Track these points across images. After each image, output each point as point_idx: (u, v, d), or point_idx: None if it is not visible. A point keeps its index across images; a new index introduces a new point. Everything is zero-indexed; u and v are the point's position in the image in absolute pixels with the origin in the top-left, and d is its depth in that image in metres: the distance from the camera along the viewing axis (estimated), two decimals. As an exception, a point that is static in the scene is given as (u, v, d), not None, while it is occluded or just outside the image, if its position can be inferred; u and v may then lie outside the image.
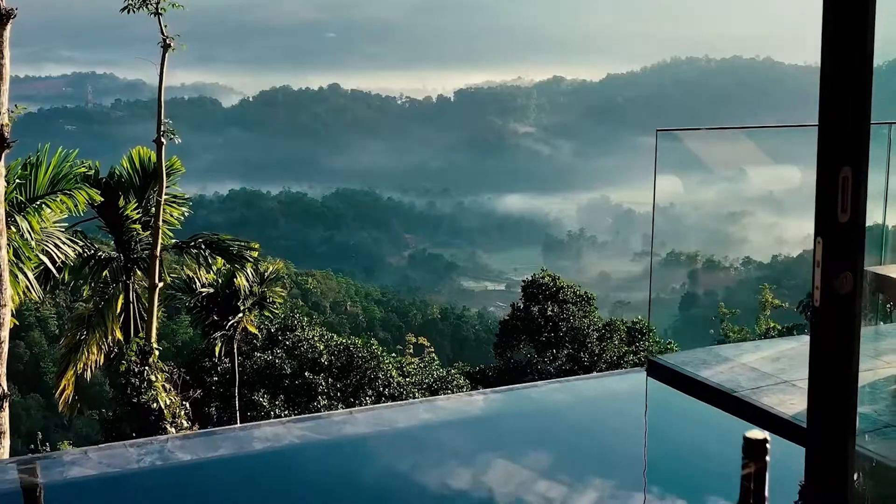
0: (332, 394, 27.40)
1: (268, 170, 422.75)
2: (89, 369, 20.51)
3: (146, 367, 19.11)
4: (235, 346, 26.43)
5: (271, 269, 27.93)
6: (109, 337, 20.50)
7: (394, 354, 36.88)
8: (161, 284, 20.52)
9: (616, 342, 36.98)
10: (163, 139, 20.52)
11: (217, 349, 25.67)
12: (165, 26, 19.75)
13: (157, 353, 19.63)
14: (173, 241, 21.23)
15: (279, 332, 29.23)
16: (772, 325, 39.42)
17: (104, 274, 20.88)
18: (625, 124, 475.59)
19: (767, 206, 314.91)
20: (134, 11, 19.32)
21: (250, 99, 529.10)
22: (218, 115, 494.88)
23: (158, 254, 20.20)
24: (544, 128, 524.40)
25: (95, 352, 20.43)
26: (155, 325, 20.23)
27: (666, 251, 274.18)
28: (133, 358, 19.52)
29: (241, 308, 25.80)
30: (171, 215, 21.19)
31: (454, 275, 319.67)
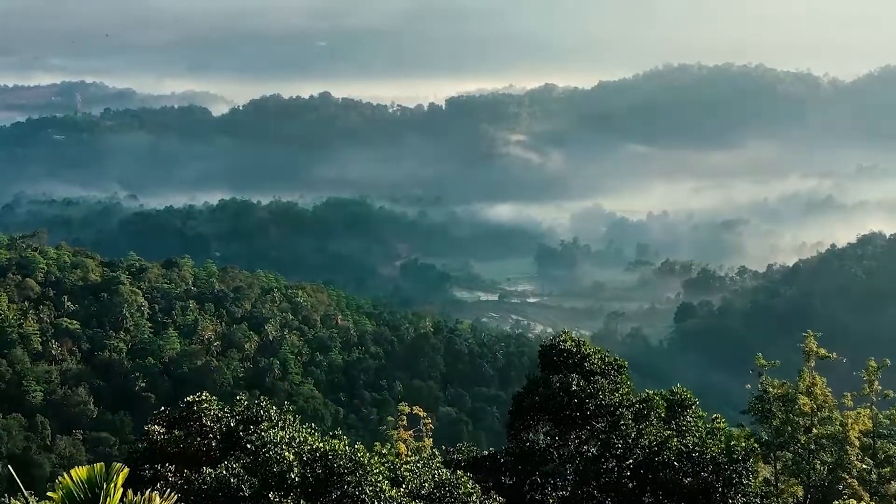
0: None
1: (258, 179, 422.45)
2: None
3: None
4: None
5: None
6: None
7: (385, 452, 29.09)
8: None
9: (655, 421, 30.97)
10: None
11: None
12: None
13: None
14: None
15: (239, 427, 23.64)
16: (818, 380, 32.24)
17: None
18: (617, 131, 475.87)
19: (762, 213, 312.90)
20: None
21: (240, 108, 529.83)
22: (208, 123, 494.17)
23: None
24: (536, 136, 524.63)
25: None
26: None
27: (660, 260, 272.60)
28: None
29: None
30: None
31: (447, 285, 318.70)
